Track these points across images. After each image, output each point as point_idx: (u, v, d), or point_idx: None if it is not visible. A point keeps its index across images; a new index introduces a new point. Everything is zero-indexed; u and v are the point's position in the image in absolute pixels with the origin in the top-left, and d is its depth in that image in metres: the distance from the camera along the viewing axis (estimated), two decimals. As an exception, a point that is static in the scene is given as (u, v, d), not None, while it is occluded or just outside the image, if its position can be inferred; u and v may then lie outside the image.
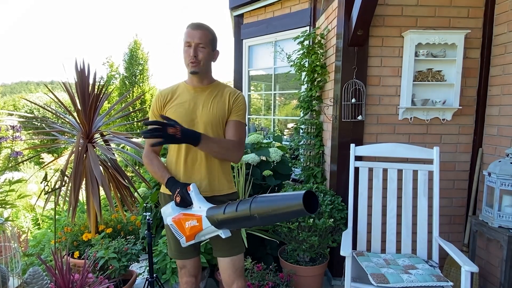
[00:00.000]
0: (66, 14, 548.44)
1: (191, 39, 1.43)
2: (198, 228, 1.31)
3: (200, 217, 1.31)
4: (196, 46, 1.43)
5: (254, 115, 4.37)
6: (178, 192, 1.37)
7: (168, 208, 1.43)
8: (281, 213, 1.06)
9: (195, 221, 1.32)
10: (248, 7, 3.87)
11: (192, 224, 1.32)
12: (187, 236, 1.36)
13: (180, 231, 1.37)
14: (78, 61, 2.35)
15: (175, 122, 1.30)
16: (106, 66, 11.33)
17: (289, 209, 1.02)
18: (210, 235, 1.36)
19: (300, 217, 2.22)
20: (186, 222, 1.34)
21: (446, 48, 2.34)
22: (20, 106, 12.04)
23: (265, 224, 1.15)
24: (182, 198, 1.36)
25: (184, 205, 1.37)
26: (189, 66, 1.46)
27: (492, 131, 2.36)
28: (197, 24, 1.46)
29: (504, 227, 2.00)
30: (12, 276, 1.59)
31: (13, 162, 2.39)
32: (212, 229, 1.31)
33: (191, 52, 1.43)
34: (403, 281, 1.71)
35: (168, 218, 1.41)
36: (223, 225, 1.27)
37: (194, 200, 1.35)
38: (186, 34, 1.45)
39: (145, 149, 1.55)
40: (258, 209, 1.10)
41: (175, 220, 1.38)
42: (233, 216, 1.20)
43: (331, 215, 2.27)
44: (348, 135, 2.43)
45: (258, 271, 2.23)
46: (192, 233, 1.34)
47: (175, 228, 1.38)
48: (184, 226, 1.35)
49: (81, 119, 2.36)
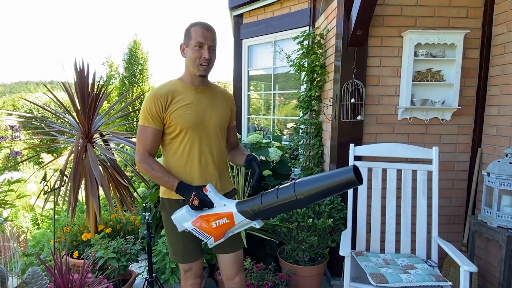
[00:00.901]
0: (66, 13, 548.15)
1: (204, 40, 1.38)
2: (230, 224, 1.30)
3: (231, 213, 1.29)
4: (209, 48, 1.39)
5: (254, 115, 4.37)
6: (195, 195, 1.33)
7: (182, 214, 1.37)
8: (330, 189, 1.09)
9: (224, 219, 1.30)
10: (247, 7, 3.87)
11: (221, 223, 1.30)
12: (216, 236, 1.33)
13: (206, 233, 1.33)
14: (78, 60, 2.35)
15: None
16: (105, 66, 11.32)
17: (339, 183, 1.07)
18: (241, 229, 1.35)
19: (300, 217, 2.23)
20: (213, 222, 1.31)
21: (446, 48, 2.35)
22: (19, 106, 12.03)
23: (310, 204, 1.17)
24: (201, 200, 1.32)
25: (202, 207, 1.34)
26: (199, 68, 1.41)
27: (491, 131, 2.36)
28: (208, 25, 1.42)
29: (503, 227, 2.00)
30: (11, 276, 1.59)
31: (12, 162, 2.39)
32: (245, 222, 1.30)
33: (205, 54, 1.38)
34: (402, 281, 1.71)
35: (186, 224, 1.36)
36: (260, 216, 1.27)
37: (214, 200, 1.33)
38: (197, 33, 1.38)
39: (139, 154, 1.43)
40: (304, 191, 1.12)
41: (197, 224, 1.34)
42: (275, 203, 1.19)
43: (331, 215, 2.27)
44: (347, 135, 2.43)
45: (257, 271, 2.23)
46: (222, 231, 1.32)
47: (199, 232, 1.34)
48: (211, 226, 1.32)
49: (80, 119, 2.35)
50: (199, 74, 1.42)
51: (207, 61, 1.40)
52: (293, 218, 2.25)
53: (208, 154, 1.47)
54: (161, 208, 1.57)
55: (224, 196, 1.49)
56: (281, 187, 1.19)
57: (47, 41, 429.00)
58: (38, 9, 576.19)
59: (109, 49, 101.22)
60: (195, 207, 1.34)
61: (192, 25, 1.42)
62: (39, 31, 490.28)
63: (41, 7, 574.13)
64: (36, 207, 4.13)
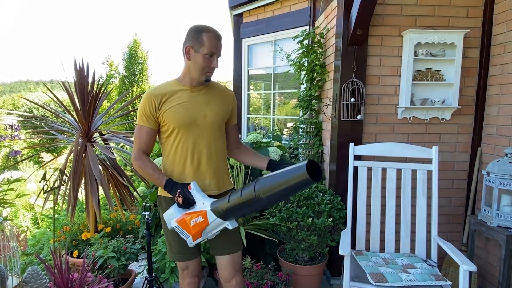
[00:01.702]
0: (66, 13, 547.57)
1: (216, 50, 1.41)
2: (204, 223, 1.31)
3: (205, 211, 1.30)
4: (218, 57, 1.44)
5: (254, 115, 4.37)
6: (179, 193, 1.36)
7: (170, 212, 1.41)
8: (287, 188, 1.06)
9: (200, 217, 1.31)
10: (247, 6, 3.87)
11: (197, 221, 1.31)
12: (194, 235, 1.34)
13: (186, 231, 1.35)
14: (77, 60, 2.35)
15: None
16: (105, 65, 11.31)
17: (294, 181, 1.03)
18: (217, 229, 1.35)
19: (300, 217, 2.23)
20: (191, 220, 1.33)
21: (445, 48, 2.35)
22: (19, 105, 12.03)
23: (272, 203, 1.14)
24: (184, 198, 1.35)
25: (187, 205, 1.36)
26: (206, 75, 1.44)
27: (491, 131, 2.36)
28: (220, 35, 1.44)
29: (503, 227, 2.00)
30: (11, 275, 1.59)
31: (12, 161, 2.39)
32: (218, 222, 1.30)
33: (215, 64, 1.43)
34: (402, 280, 1.71)
35: (172, 221, 1.39)
36: (229, 215, 1.27)
37: (196, 198, 1.34)
38: (210, 42, 1.39)
39: (134, 153, 1.47)
40: (263, 189, 1.10)
41: (179, 221, 1.36)
42: (239, 202, 1.19)
43: (330, 214, 2.27)
44: (347, 134, 2.43)
45: (257, 270, 2.23)
46: (198, 230, 1.33)
47: (180, 229, 1.37)
48: (189, 224, 1.33)
49: (80, 118, 2.35)
50: (205, 80, 1.46)
51: (213, 70, 1.45)
52: (292, 217, 2.25)
53: (202, 153, 1.47)
54: (158, 206, 1.59)
55: (221, 195, 1.50)
56: (245, 185, 1.19)
57: (47, 41, 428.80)
58: (39, 8, 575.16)
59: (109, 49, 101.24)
60: (181, 205, 1.37)
61: (204, 30, 1.40)
62: (39, 30, 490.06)
63: (42, 6, 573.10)
64: (36, 206, 4.13)
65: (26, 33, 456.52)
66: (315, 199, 2.32)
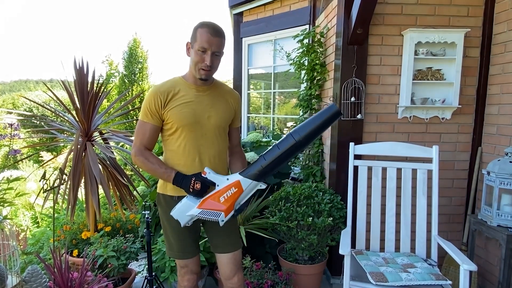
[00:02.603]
0: (65, 12, 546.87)
1: (208, 46, 1.34)
2: (238, 192, 1.33)
3: (238, 181, 1.32)
4: (212, 54, 1.36)
5: (254, 114, 4.37)
6: (195, 180, 1.35)
7: (184, 204, 1.37)
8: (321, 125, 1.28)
9: (232, 189, 1.32)
10: (247, 5, 3.86)
11: (230, 194, 1.32)
12: (226, 209, 1.33)
13: (215, 210, 1.33)
14: (77, 59, 2.34)
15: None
16: (105, 64, 11.29)
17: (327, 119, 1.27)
18: (249, 195, 1.36)
19: (300, 216, 2.22)
20: (221, 197, 1.33)
21: (446, 47, 2.34)
22: (19, 105, 12.02)
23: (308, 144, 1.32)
24: (202, 182, 1.34)
25: (203, 191, 1.35)
26: (200, 72, 1.39)
27: (492, 130, 2.36)
28: (216, 29, 1.36)
29: (503, 226, 2.00)
30: (11, 274, 1.59)
31: (12, 160, 2.38)
32: (252, 186, 1.33)
33: (206, 60, 1.36)
34: (402, 280, 1.71)
35: (192, 211, 1.35)
36: (268, 172, 1.32)
37: (216, 179, 1.35)
38: (202, 37, 1.34)
39: (136, 148, 1.44)
40: (302, 135, 1.27)
41: (204, 205, 1.34)
42: (278, 155, 1.29)
43: (330, 213, 2.27)
44: (347, 133, 2.43)
45: (257, 269, 2.23)
46: (231, 203, 1.33)
47: (207, 212, 1.34)
48: (219, 201, 1.33)
49: (80, 118, 2.35)
50: (200, 78, 1.42)
51: (208, 67, 1.38)
52: (292, 217, 2.25)
53: (203, 154, 1.46)
54: (157, 203, 1.58)
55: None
56: (278, 141, 1.31)
57: (47, 40, 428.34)
58: (39, 7, 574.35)
59: (109, 48, 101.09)
60: (197, 193, 1.35)
61: (200, 26, 1.38)
62: (39, 29, 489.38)
63: (42, 5, 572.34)
64: (35, 206, 4.12)
65: (26, 32, 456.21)
66: (315, 198, 2.32)
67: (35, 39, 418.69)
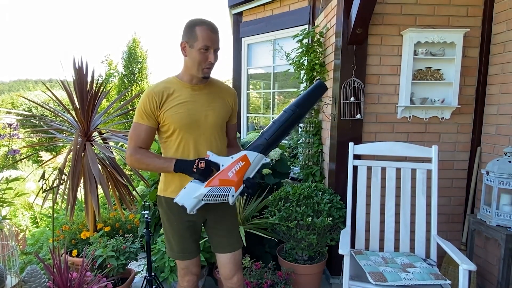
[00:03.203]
0: (65, 11, 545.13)
1: (211, 44, 1.34)
2: (246, 165, 1.33)
3: (244, 154, 1.34)
4: (215, 51, 1.37)
5: (253, 114, 4.37)
6: (199, 160, 1.33)
7: (190, 187, 1.33)
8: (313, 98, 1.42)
9: (239, 163, 1.33)
10: (247, 5, 3.86)
11: (238, 168, 1.32)
12: (236, 184, 1.31)
13: (225, 186, 1.31)
14: (76, 59, 2.34)
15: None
16: (104, 64, 11.27)
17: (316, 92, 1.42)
18: (256, 168, 1.37)
19: (299, 216, 2.23)
20: (229, 172, 1.32)
21: (445, 47, 2.34)
22: (18, 104, 12.00)
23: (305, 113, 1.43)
24: (206, 162, 1.32)
25: (207, 173, 1.33)
26: (203, 71, 1.39)
27: (491, 130, 2.36)
28: (214, 26, 1.37)
29: (502, 226, 2.00)
30: (10, 274, 1.59)
31: (11, 160, 2.38)
32: (258, 159, 1.35)
33: (211, 58, 1.36)
34: (401, 280, 1.71)
35: (199, 191, 1.31)
36: (273, 144, 1.37)
37: (220, 160, 1.35)
38: (204, 35, 1.33)
39: (130, 149, 1.42)
40: (301, 106, 1.37)
41: (211, 184, 1.31)
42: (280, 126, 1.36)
43: (330, 213, 2.27)
44: (346, 133, 2.43)
45: (256, 269, 2.23)
46: (240, 176, 1.32)
47: (217, 189, 1.30)
48: (228, 177, 1.31)
49: (79, 117, 2.35)
50: (203, 77, 1.41)
51: (212, 65, 1.39)
52: (292, 216, 2.25)
53: (203, 154, 1.44)
54: (158, 205, 1.57)
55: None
56: (277, 117, 1.39)
57: (46, 39, 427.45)
58: (38, 7, 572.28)
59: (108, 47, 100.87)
60: (202, 173, 1.32)
61: (197, 23, 1.35)
62: (38, 29, 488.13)
63: (41, 4, 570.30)
64: (35, 206, 4.12)
65: (25, 31, 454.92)
66: (315, 198, 2.32)
67: (34, 38, 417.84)
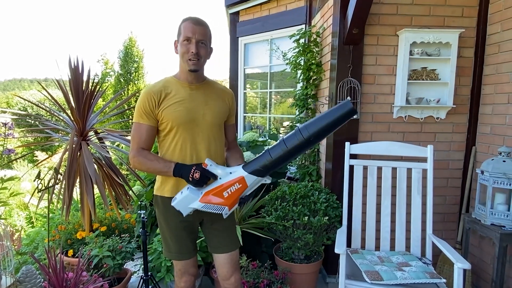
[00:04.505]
0: (61, 10, 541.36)
1: (192, 35, 1.36)
2: (242, 188, 1.31)
3: (242, 177, 1.30)
4: (198, 43, 1.37)
5: (250, 113, 4.37)
6: (195, 169, 1.31)
7: (186, 196, 1.33)
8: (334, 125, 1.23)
9: (236, 184, 1.30)
10: (244, 5, 3.86)
11: (234, 189, 1.30)
12: (230, 204, 1.31)
13: (219, 205, 1.31)
14: (72, 58, 2.33)
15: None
16: (101, 63, 11.20)
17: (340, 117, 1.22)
18: (253, 189, 1.35)
19: (296, 215, 2.23)
20: (224, 192, 1.31)
21: (441, 47, 2.36)
22: (13, 104, 11.91)
23: (317, 142, 1.29)
24: (202, 173, 1.31)
25: (203, 182, 1.32)
26: (189, 63, 1.39)
27: (485, 130, 2.38)
28: (198, 20, 1.40)
29: (497, 225, 2.02)
30: (5, 274, 1.58)
31: (6, 160, 2.36)
32: (256, 182, 1.32)
33: (192, 48, 1.36)
34: (397, 278, 1.72)
35: (194, 204, 1.32)
36: (272, 168, 1.30)
37: (216, 172, 1.33)
38: (185, 28, 1.38)
39: (133, 150, 1.43)
40: (311, 133, 1.22)
41: (205, 200, 1.31)
42: (285, 152, 1.25)
43: (326, 213, 2.28)
44: (343, 133, 2.43)
45: (253, 269, 2.23)
46: (236, 197, 1.31)
47: (211, 206, 1.31)
48: (223, 196, 1.31)
49: (75, 117, 2.34)
50: (189, 69, 1.41)
51: (195, 55, 1.37)
52: (288, 216, 2.26)
53: (201, 152, 1.45)
54: (154, 205, 1.57)
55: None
56: (286, 137, 1.26)
57: (41, 38, 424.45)
58: (33, 6, 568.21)
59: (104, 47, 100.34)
60: (197, 183, 1.31)
61: (183, 20, 1.41)
62: (33, 28, 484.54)
63: (36, 3, 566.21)
64: (30, 206, 4.09)
65: (20, 30, 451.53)
66: (311, 197, 2.33)
67: (30, 37, 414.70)
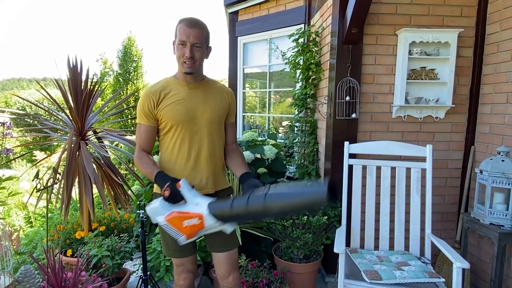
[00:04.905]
0: (59, 10, 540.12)
1: (186, 38, 1.36)
2: (199, 226, 1.24)
3: (201, 214, 1.22)
4: (192, 46, 1.37)
5: (249, 113, 4.37)
6: (168, 186, 1.28)
7: (155, 206, 1.30)
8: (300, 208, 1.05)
9: (195, 219, 1.24)
10: (243, 4, 3.86)
11: (192, 223, 1.24)
12: (188, 235, 1.27)
13: (178, 230, 1.27)
14: (71, 57, 2.32)
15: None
16: (99, 62, 11.17)
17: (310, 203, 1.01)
18: (213, 231, 1.29)
19: (295, 215, 2.23)
20: (184, 221, 1.25)
21: (440, 47, 2.36)
22: (12, 103, 11.87)
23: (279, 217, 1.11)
24: (172, 192, 1.27)
25: (173, 201, 1.28)
26: (184, 66, 1.39)
27: (484, 129, 2.38)
28: (193, 21, 1.38)
29: (495, 224, 2.03)
30: (3, 274, 1.58)
31: (4, 159, 2.36)
32: (215, 225, 1.24)
33: (186, 52, 1.36)
34: (396, 278, 1.72)
35: (159, 218, 1.30)
36: (229, 221, 1.23)
37: (186, 196, 1.27)
38: (180, 31, 1.37)
39: (136, 150, 1.49)
40: (274, 206, 1.06)
41: (169, 219, 1.28)
42: (243, 211, 1.14)
43: (325, 212, 2.28)
44: (342, 133, 2.44)
45: (252, 268, 2.23)
46: (193, 231, 1.26)
47: (170, 228, 1.28)
48: (182, 225, 1.26)
49: (73, 116, 2.33)
50: (185, 72, 1.41)
51: (190, 59, 1.38)
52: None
53: (200, 151, 1.46)
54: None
55: (218, 193, 1.49)
56: (252, 194, 1.13)
57: (40, 38, 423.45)
58: (31, 5, 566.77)
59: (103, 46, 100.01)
60: (167, 199, 1.29)
61: (179, 21, 1.41)
62: (32, 27, 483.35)
63: (35, 3, 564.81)
64: (29, 205, 4.09)
65: (19, 30, 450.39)
66: (310, 197, 2.32)
67: (29, 37, 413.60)
